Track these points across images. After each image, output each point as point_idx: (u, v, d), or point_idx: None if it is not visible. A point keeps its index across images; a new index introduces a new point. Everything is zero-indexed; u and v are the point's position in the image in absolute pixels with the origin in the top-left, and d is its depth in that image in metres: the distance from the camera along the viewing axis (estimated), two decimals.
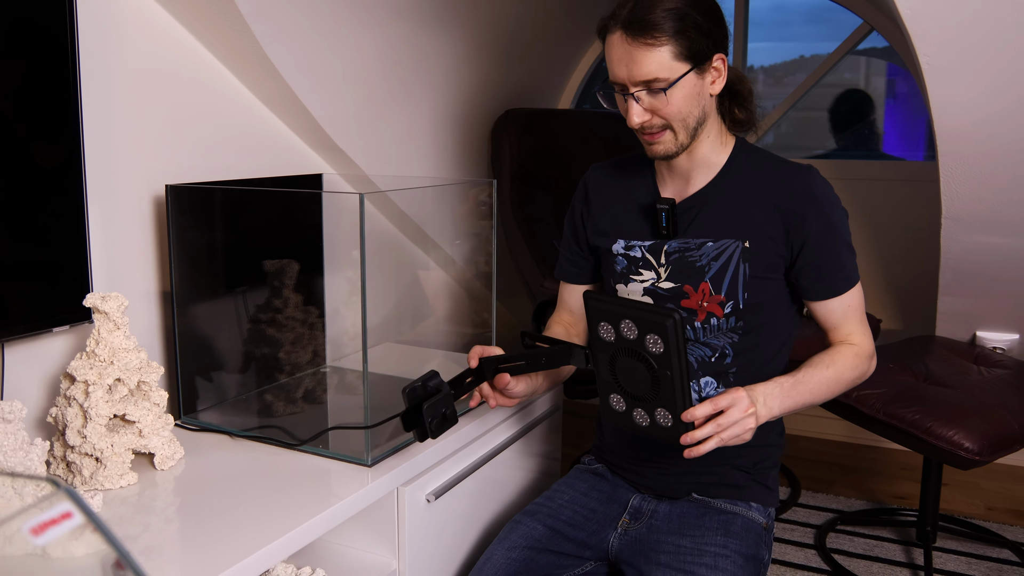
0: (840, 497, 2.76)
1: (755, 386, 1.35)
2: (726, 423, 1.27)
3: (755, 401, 1.32)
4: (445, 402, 1.35)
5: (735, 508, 1.51)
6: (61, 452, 1.42)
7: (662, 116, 1.39)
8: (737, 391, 1.29)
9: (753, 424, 1.29)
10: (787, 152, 3.28)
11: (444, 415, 1.35)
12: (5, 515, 0.48)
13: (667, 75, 1.34)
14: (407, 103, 2.39)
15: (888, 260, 3.13)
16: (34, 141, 1.41)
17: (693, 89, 1.38)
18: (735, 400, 1.28)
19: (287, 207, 1.96)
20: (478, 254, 2.37)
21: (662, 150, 1.43)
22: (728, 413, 1.27)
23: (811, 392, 1.41)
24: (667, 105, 1.37)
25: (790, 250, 1.45)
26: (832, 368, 1.44)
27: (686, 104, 1.38)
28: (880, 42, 3.30)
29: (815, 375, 1.42)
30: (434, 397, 1.33)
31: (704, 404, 1.27)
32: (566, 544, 1.50)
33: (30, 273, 1.43)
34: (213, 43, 1.81)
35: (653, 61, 1.34)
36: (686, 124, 1.40)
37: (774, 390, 1.36)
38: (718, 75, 1.41)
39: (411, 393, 1.33)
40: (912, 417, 1.99)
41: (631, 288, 1.54)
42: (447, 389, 1.36)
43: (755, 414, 1.30)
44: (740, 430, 1.28)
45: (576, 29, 3.22)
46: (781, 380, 1.39)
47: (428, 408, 1.32)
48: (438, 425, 1.34)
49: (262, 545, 1.22)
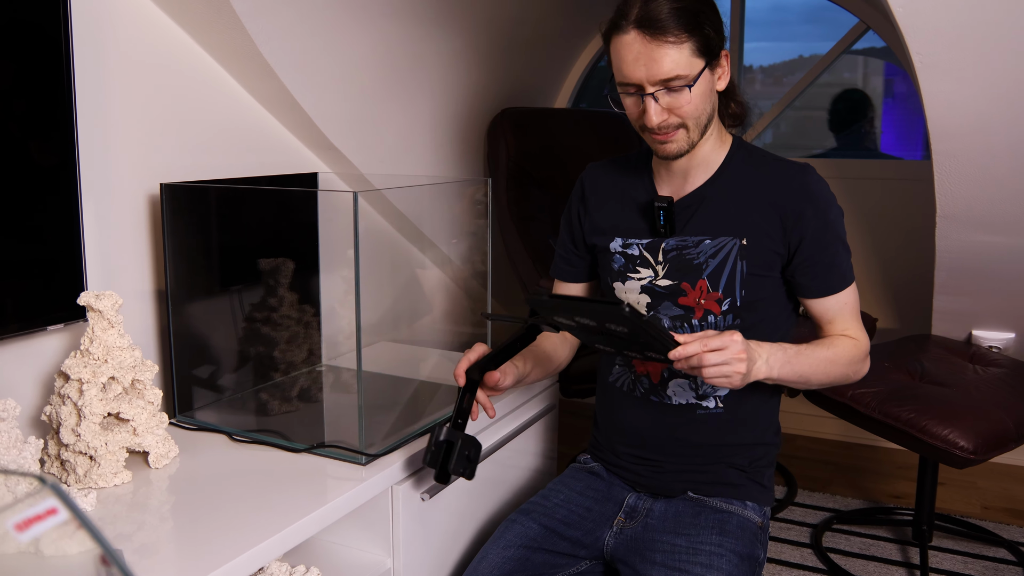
0: (836, 496, 2.76)
1: (761, 344, 1.35)
2: (713, 353, 1.23)
3: (756, 356, 1.31)
4: (462, 449, 1.43)
5: (731, 507, 1.51)
6: (55, 450, 1.42)
7: (679, 115, 1.38)
8: (734, 335, 1.26)
9: (742, 369, 1.26)
10: (785, 151, 3.28)
11: (467, 457, 1.44)
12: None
13: (687, 72, 1.34)
14: (403, 102, 2.39)
15: (884, 259, 3.13)
16: (28, 140, 1.41)
17: (708, 86, 1.38)
18: (727, 343, 1.25)
19: (282, 205, 1.96)
20: (474, 253, 2.37)
21: (675, 149, 1.42)
22: (719, 351, 1.24)
23: (811, 366, 1.41)
24: (687, 103, 1.36)
25: (787, 247, 1.45)
26: (831, 350, 1.44)
27: (702, 102, 1.38)
28: (877, 43, 3.31)
29: (816, 352, 1.42)
30: (452, 454, 1.42)
31: (694, 342, 1.24)
32: (561, 543, 1.50)
33: (24, 272, 1.43)
34: (208, 41, 1.81)
35: (673, 59, 1.33)
36: (699, 122, 1.40)
37: (777, 352, 1.36)
38: (723, 71, 1.41)
39: (431, 462, 1.43)
40: (907, 416, 2.00)
41: (628, 286, 1.54)
42: (457, 436, 1.43)
43: (748, 362, 1.27)
44: (727, 370, 1.25)
45: (573, 28, 3.22)
46: (785, 346, 1.39)
47: (455, 468, 1.42)
48: (471, 471, 1.45)
49: (256, 543, 1.21)
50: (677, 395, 1.52)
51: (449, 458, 1.42)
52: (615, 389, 1.60)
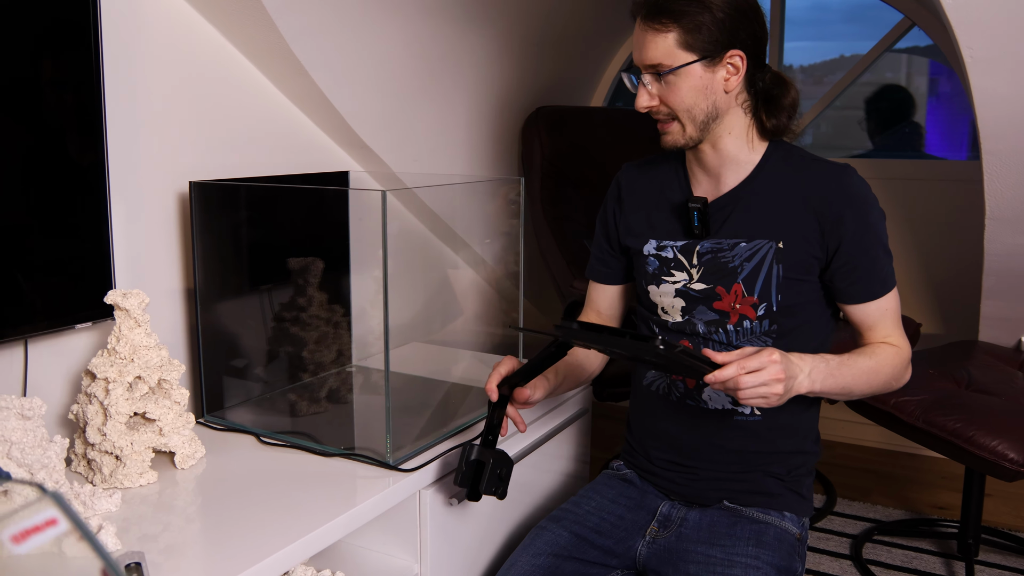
0: (877, 506, 2.69)
1: (804, 356, 1.30)
2: (750, 375, 1.20)
3: (798, 371, 1.27)
4: (493, 468, 1.41)
5: (768, 517, 1.47)
6: (82, 449, 1.42)
7: (667, 104, 1.39)
8: (773, 354, 1.22)
9: (779, 391, 1.22)
10: (825, 152, 3.21)
11: (499, 476, 1.42)
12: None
13: (668, 61, 1.36)
14: (436, 100, 2.36)
15: (928, 262, 3.06)
16: (57, 138, 1.40)
17: (699, 82, 1.37)
18: (764, 364, 1.21)
19: (312, 204, 1.94)
20: (507, 253, 2.34)
21: (670, 140, 1.44)
22: (756, 372, 1.21)
23: (853, 377, 1.36)
24: (670, 93, 1.38)
25: (825, 251, 1.40)
26: (873, 359, 1.39)
27: (690, 95, 1.37)
28: (921, 41, 3.23)
29: (858, 362, 1.37)
30: (483, 473, 1.40)
31: (730, 366, 1.20)
32: (592, 552, 1.46)
33: (54, 269, 1.43)
34: (238, 38, 1.80)
35: (658, 46, 1.36)
36: (692, 116, 1.39)
37: (820, 365, 1.31)
38: (734, 72, 1.38)
39: (462, 482, 1.41)
40: (953, 426, 1.93)
41: (663, 289, 1.50)
42: (488, 456, 1.41)
43: (788, 380, 1.23)
44: (764, 391, 1.21)
45: (608, 25, 3.18)
46: (828, 357, 1.34)
47: (486, 488, 1.41)
48: (502, 491, 1.43)
49: (282, 547, 1.20)
50: (713, 400, 1.48)
51: (480, 478, 1.40)
52: (650, 393, 1.56)
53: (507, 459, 1.43)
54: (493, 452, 1.42)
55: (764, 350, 1.22)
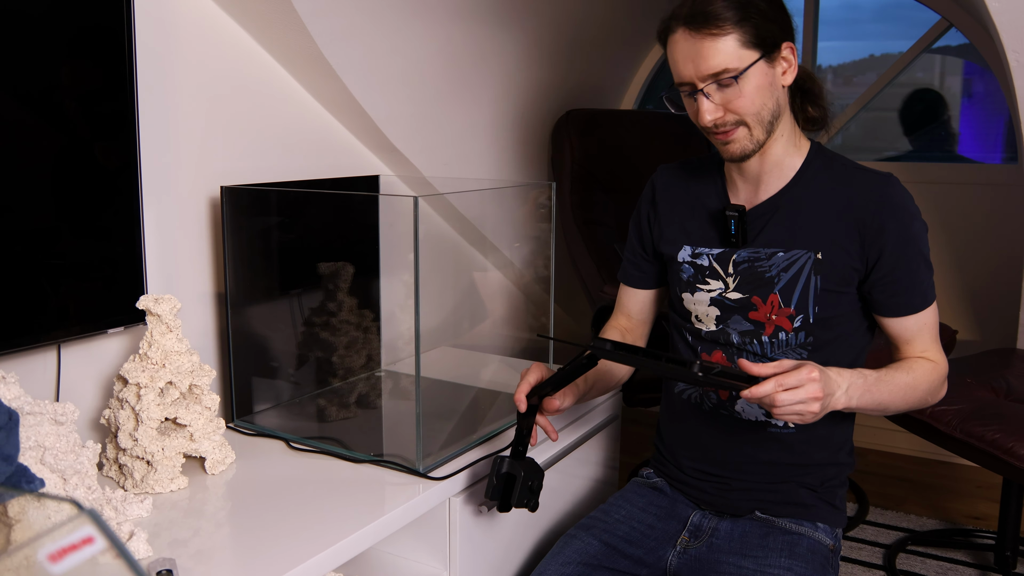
0: (911, 515, 2.64)
1: (842, 371, 1.27)
2: (787, 392, 1.18)
3: (835, 387, 1.24)
4: (524, 480, 1.40)
5: (800, 528, 1.44)
6: (113, 454, 1.42)
7: (734, 111, 1.32)
8: (812, 371, 1.19)
9: (816, 409, 1.20)
10: (857, 155, 3.17)
11: (531, 488, 1.41)
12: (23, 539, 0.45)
13: (736, 64, 1.29)
14: (466, 103, 2.36)
15: (964, 266, 3.00)
16: (91, 142, 1.41)
17: (764, 79, 1.32)
18: (803, 381, 1.19)
19: (343, 209, 1.94)
20: (537, 257, 2.33)
21: (738, 149, 1.36)
22: (793, 390, 1.18)
23: (890, 392, 1.33)
24: (739, 97, 1.31)
25: (864, 262, 1.37)
26: (911, 375, 1.37)
27: (759, 95, 1.32)
28: (953, 40, 3.17)
29: (895, 377, 1.35)
30: (514, 486, 1.39)
31: (768, 383, 1.18)
32: (622, 561, 1.45)
33: (86, 274, 1.43)
34: (270, 43, 1.80)
35: (720, 51, 1.29)
36: (760, 118, 1.34)
37: (858, 381, 1.29)
38: (788, 65, 1.35)
39: (493, 495, 1.41)
40: (992, 436, 1.89)
41: (697, 298, 1.48)
42: (518, 468, 1.40)
43: (826, 397, 1.21)
44: (801, 408, 1.19)
45: (638, 28, 3.16)
46: (865, 372, 1.31)
47: (517, 501, 1.40)
48: (534, 503, 1.43)
49: (312, 554, 1.20)
50: (746, 412, 1.46)
51: (512, 491, 1.39)
52: (682, 401, 1.55)
53: (538, 470, 1.42)
54: (523, 463, 1.40)
55: (804, 366, 1.20)
